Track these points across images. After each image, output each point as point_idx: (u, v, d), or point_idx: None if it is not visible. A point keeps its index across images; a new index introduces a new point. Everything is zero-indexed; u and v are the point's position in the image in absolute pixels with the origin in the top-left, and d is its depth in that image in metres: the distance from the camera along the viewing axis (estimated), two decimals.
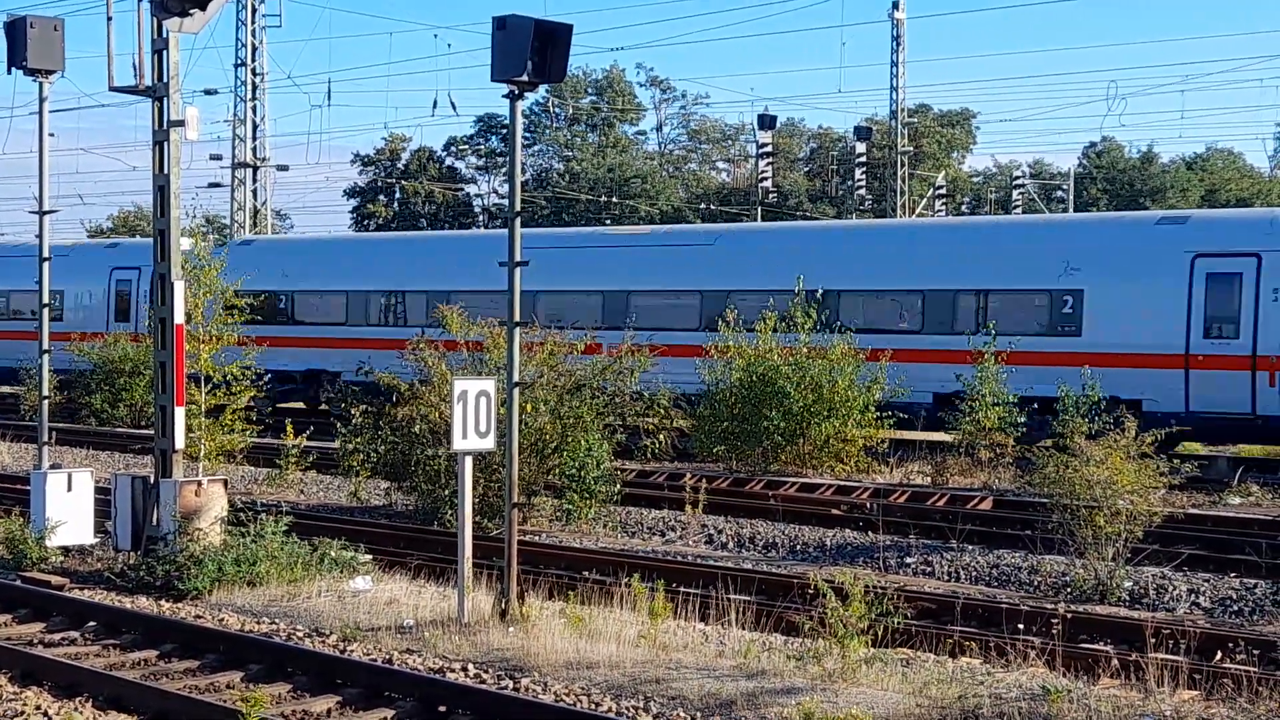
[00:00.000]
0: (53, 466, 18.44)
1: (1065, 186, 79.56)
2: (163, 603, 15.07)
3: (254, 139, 55.48)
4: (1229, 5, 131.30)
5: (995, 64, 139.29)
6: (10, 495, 21.95)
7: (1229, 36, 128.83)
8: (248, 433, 24.12)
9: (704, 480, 23.39)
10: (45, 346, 18.87)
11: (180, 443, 16.46)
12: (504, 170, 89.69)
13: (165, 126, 16.51)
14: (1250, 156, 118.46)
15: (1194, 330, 26.66)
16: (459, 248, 39.71)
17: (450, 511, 19.83)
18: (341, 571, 16.05)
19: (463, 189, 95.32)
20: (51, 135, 19.07)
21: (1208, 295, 26.61)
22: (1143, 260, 27.65)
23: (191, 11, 16.04)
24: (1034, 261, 28.84)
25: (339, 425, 23.54)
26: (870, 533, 20.39)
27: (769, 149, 65.23)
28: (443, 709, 11.23)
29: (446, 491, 20.46)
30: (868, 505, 22.08)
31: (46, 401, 19.13)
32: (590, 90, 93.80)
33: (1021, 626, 14.69)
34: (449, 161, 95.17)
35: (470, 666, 12.26)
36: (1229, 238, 27.16)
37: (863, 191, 66.69)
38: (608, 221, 75.56)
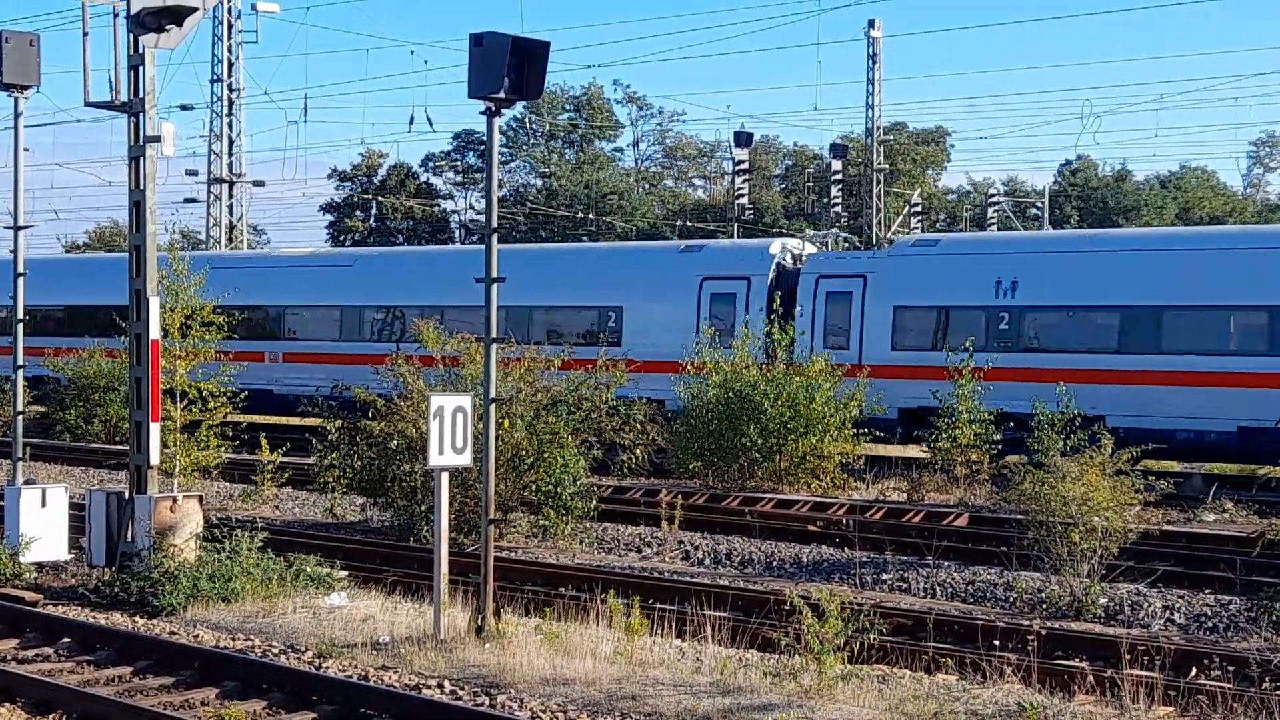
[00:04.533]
0: (27, 482, 18.35)
1: (1040, 204, 79.83)
2: (137, 619, 15.01)
3: (230, 154, 55.45)
4: (1202, 24, 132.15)
5: (970, 82, 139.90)
6: None
7: (1202, 55, 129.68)
8: (223, 448, 24.05)
9: (680, 496, 23.37)
10: (20, 361, 18.77)
11: (155, 458, 16.41)
12: (481, 186, 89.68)
13: (141, 142, 16.49)
14: (1224, 175, 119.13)
15: None
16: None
17: (426, 527, 19.81)
18: (317, 588, 16.01)
19: (440, 205, 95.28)
20: (27, 150, 19.01)
21: None
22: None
23: (168, 28, 16.05)
24: None
25: (315, 441, 23.48)
26: (846, 549, 20.41)
27: (745, 166, 65.32)
28: None
29: (423, 507, 20.44)
30: (844, 521, 22.09)
31: (21, 417, 19.04)
32: (568, 107, 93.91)
33: (997, 643, 14.73)
34: (426, 177, 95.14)
35: (446, 683, 12.24)
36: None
37: (838, 209, 66.79)
38: (584, 237, 75.55)
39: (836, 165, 66.38)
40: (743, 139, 64.51)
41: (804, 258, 32.77)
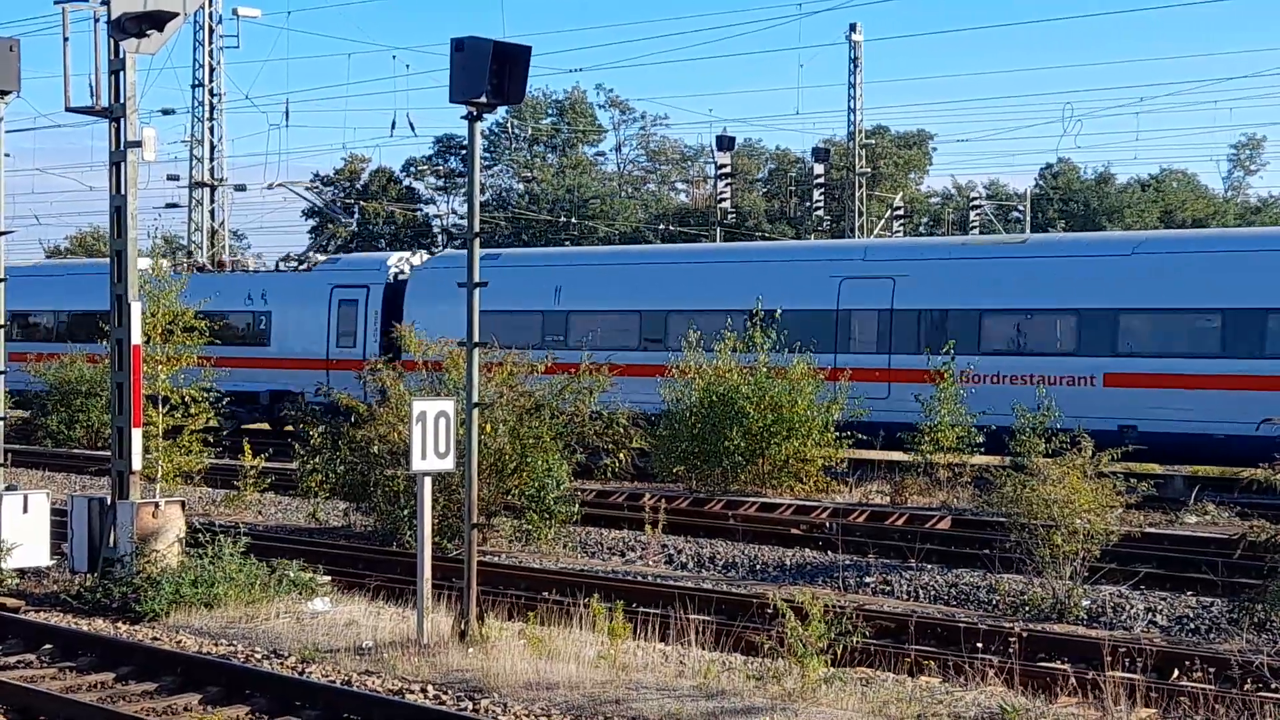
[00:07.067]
0: (8, 488, 18.29)
1: (1021, 207, 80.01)
2: (120, 625, 14.98)
3: (211, 159, 55.27)
4: (1183, 27, 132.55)
5: (952, 85, 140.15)
6: None
7: (1183, 58, 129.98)
8: (205, 454, 23.98)
9: (664, 500, 23.38)
10: (1, 367, 18.71)
11: (137, 464, 16.38)
12: (463, 191, 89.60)
13: (122, 147, 16.46)
14: (1205, 178, 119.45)
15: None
16: None
17: (409, 532, 19.79)
18: (300, 593, 15.98)
19: (421, 209, 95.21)
20: (8, 155, 18.95)
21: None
22: None
23: (148, 33, 16.02)
24: None
25: (297, 446, 23.46)
26: (830, 552, 20.44)
27: (727, 170, 65.36)
28: None
29: (405, 512, 20.42)
30: (827, 525, 22.12)
31: (2, 423, 18.98)
32: (551, 111, 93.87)
33: (980, 645, 14.75)
34: (408, 182, 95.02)
35: (430, 688, 12.23)
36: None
37: (820, 212, 66.87)
38: (567, 242, 75.49)
39: (819, 169, 66.44)
40: (725, 143, 64.53)
41: None
